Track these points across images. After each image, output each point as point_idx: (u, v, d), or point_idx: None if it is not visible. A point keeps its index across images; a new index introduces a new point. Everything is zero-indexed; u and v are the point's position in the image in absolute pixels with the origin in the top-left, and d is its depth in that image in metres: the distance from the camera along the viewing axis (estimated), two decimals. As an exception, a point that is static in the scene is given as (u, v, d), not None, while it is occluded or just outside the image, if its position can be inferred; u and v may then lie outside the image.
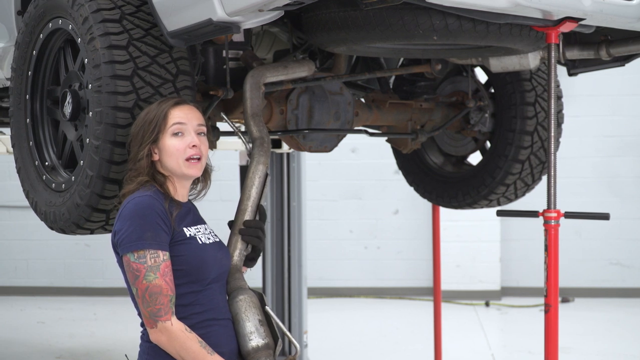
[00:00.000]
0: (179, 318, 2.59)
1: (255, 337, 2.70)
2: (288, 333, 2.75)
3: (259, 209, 2.96)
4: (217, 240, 2.79)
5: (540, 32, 3.06)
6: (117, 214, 2.65)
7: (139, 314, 2.63)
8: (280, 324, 2.76)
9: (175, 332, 2.55)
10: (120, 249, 2.59)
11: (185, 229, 2.68)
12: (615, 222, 8.40)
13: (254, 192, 2.95)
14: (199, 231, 2.73)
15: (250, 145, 3.10)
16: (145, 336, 2.66)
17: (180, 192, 2.75)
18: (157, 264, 2.54)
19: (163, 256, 2.56)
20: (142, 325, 2.67)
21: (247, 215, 2.92)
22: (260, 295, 2.80)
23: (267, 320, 2.76)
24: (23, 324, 8.38)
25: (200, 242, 2.69)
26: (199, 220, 2.79)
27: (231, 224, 2.94)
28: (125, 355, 3.05)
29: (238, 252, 2.88)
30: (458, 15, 2.77)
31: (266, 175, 2.99)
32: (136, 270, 2.54)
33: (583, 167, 9.17)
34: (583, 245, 9.17)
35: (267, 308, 2.77)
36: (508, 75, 4.28)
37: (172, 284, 2.57)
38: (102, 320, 8.49)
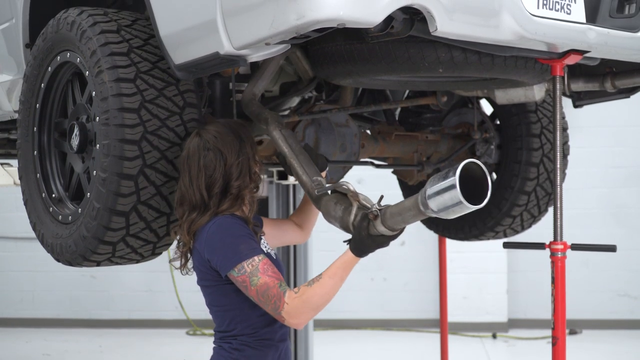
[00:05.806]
0: (265, 333, 2.76)
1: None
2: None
3: (318, 159, 3.10)
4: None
5: (545, 65, 3.07)
6: (200, 239, 2.73)
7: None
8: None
9: (296, 306, 2.61)
10: (222, 271, 2.68)
11: (261, 244, 2.81)
12: (622, 253, 8.33)
13: (295, 158, 3.02)
14: (265, 245, 2.85)
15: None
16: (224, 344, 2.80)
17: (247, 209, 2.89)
18: (255, 267, 2.64)
19: (258, 258, 2.66)
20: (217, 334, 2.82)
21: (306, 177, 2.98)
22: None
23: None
24: (29, 356, 8.34)
25: (275, 257, 2.83)
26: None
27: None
28: None
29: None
30: (463, 48, 2.79)
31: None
32: (242, 282, 2.65)
33: (589, 198, 9.14)
34: (590, 277, 9.11)
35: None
36: (514, 107, 4.29)
37: (277, 274, 2.66)
38: (108, 352, 8.46)
